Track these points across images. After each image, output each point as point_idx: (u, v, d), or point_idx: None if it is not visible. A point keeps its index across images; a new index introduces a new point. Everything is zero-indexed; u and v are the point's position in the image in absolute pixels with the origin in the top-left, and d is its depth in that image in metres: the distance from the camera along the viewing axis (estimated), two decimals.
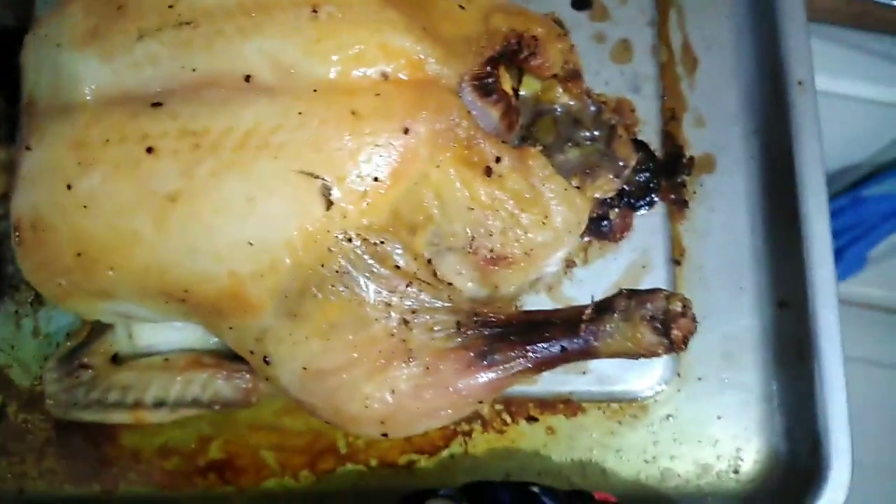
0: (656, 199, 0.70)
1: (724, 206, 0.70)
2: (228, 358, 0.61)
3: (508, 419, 0.67)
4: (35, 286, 0.56)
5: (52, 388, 0.61)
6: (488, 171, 0.52)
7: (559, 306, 0.67)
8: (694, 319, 0.50)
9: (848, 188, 1.37)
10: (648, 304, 0.50)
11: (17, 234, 0.54)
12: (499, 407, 0.67)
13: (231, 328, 0.52)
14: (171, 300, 0.52)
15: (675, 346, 0.50)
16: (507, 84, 0.57)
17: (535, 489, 0.60)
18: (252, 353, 0.53)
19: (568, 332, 0.51)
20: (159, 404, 0.59)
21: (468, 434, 0.67)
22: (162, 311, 0.54)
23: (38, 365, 0.67)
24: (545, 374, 0.65)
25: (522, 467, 0.66)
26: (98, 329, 0.63)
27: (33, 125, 0.53)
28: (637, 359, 0.51)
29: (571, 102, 0.61)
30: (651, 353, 0.50)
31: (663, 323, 0.49)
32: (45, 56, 0.53)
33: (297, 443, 0.66)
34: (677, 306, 0.49)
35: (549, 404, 0.67)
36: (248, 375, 0.60)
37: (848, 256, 1.47)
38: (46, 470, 0.66)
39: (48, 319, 0.68)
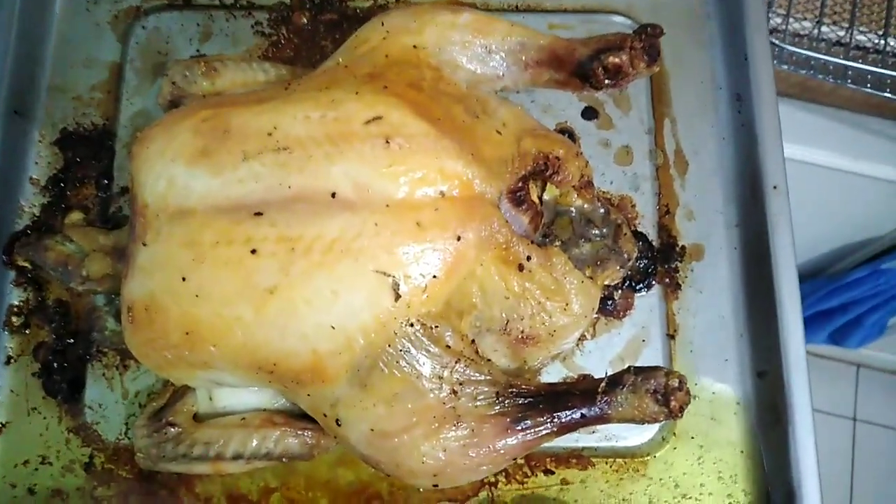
0: (654, 282, 0.82)
1: (711, 289, 0.82)
2: (295, 417, 0.72)
3: (528, 472, 0.77)
4: (138, 357, 0.67)
5: (142, 442, 0.71)
6: (521, 268, 0.64)
7: (572, 373, 0.79)
8: (689, 393, 0.62)
9: (867, 260, 1.48)
10: (652, 379, 0.61)
11: (129, 313, 0.65)
12: (520, 461, 0.77)
13: (308, 395, 0.63)
14: (260, 371, 0.63)
15: (674, 415, 0.61)
16: (534, 193, 0.69)
17: None
18: (325, 415, 0.63)
19: (586, 401, 0.62)
20: (237, 457, 0.70)
21: (494, 485, 0.77)
22: (249, 379, 0.65)
23: (123, 422, 0.78)
24: None
25: None
26: (179, 391, 0.74)
27: (147, 225, 0.64)
28: (642, 424, 0.63)
29: (585, 206, 0.74)
30: (653, 420, 0.62)
31: (664, 395, 0.61)
32: (159, 168, 0.64)
33: (347, 491, 0.76)
34: (675, 382, 0.61)
35: (564, 459, 0.78)
36: (312, 433, 0.70)
37: (868, 324, 1.57)
38: None
39: (132, 382, 0.78)
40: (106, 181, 0.84)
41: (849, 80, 1.06)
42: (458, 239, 0.61)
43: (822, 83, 1.09)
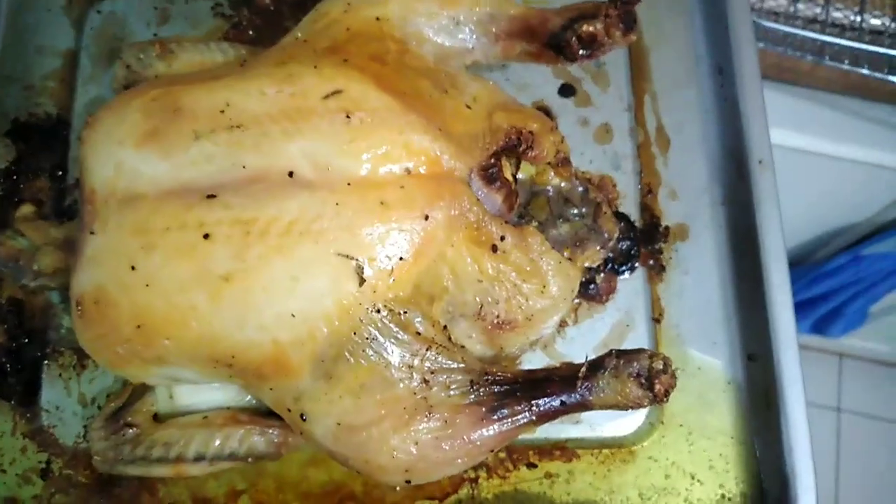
0: (637, 264, 0.78)
1: (697, 270, 0.79)
2: (261, 414, 0.68)
3: (511, 466, 0.74)
4: (91, 353, 0.63)
5: (98, 445, 0.67)
6: (494, 248, 0.61)
7: (553, 362, 0.75)
8: (674, 375, 0.58)
9: (848, 247, 1.43)
10: (634, 362, 0.58)
11: (78, 308, 0.60)
12: (502, 455, 0.74)
13: (271, 389, 0.59)
14: (218, 365, 0.59)
15: (658, 399, 0.57)
16: (507, 171, 0.66)
17: None
18: (289, 410, 0.59)
19: (566, 388, 0.58)
20: (199, 458, 0.65)
21: (475, 481, 0.73)
22: (208, 374, 0.61)
23: (81, 424, 0.73)
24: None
25: None
26: (139, 391, 0.69)
27: (95, 213, 0.60)
28: (626, 410, 0.59)
29: (562, 184, 0.70)
30: (637, 405, 0.58)
31: (647, 379, 0.57)
32: (106, 152, 0.60)
33: (319, 493, 0.72)
34: (659, 364, 0.58)
35: (547, 451, 0.74)
36: (279, 430, 0.66)
37: (849, 312, 1.53)
38: None
39: (90, 382, 0.74)
40: (60, 173, 0.80)
41: (826, 57, 1.03)
42: (426, 218, 0.57)
43: (799, 63, 1.05)
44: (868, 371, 2.01)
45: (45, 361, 0.75)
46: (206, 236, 0.56)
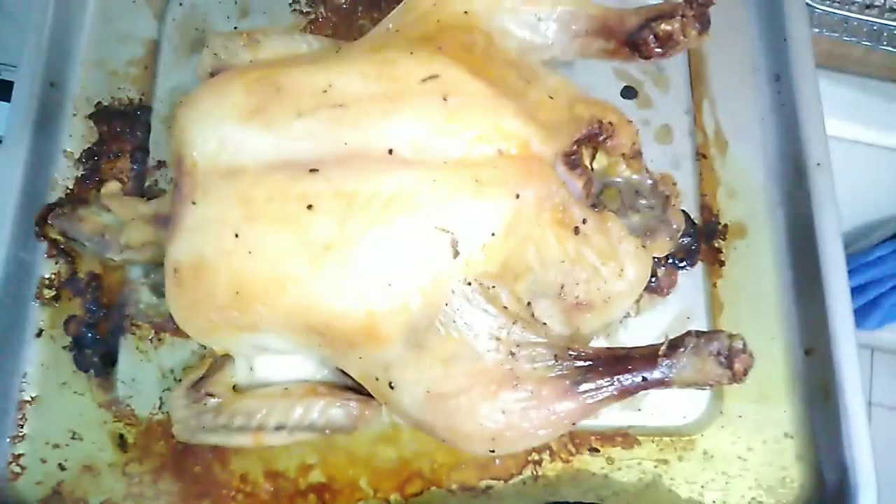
0: (697, 259, 0.81)
1: (755, 267, 0.81)
2: (339, 388, 0.70)
3: (573, 450, 0.76)
4: (181, 321, 0.65)
5: (180, 413, 0.69)
6: (577, 231, 0.63)
7: None
8: (752, 355, 0.60)
9: (890, 237, 1.40)
10: (714, 341, 0.60)
11: (176, 275, 0.63)
12: (565, 439, 0.76)
13: (360, 358, 0.62)
14: (311, 333, 0.61)
15: (737, 378, 0.60)
16: (586, 159, 0.68)
17: None
18: (377, 379, 0.62)
19: (647, 364, 0.60)
20: (280, 427, 0.68)
21: (538, 463, 0.75)
22: (298, 342, 0.63)
23: (157, 397, 0.75)
24: (605, 410, 0.75)
25: (585, 493, 0.75)
26: (217, 363, 0.72)
27: (196, 185, 0.63)
28: (704, 388, 0.61)
29: (633, 176, 0.73)
30: (716, 383, 0.60)
31: (727, 357, 0.59)
32: (209, 127, 0.63)
33: (388, 469, 0.74)
34: (738, 344, 0.60)
35: (609, 437, 0.76)
36: (357, 403, 0.69)
37: (887, 304, 1.45)
38: (163, 491, 0.73)
39: (166, 356, 0.76)
40: (141, 155, 0.83)
41: (884, 42, 1.03)
42: (517, 197, 0.60)
43: (850, 50, 1.05)
44: None
45: (123, 335, 0.77)
46: (309, 207, 0.58)
